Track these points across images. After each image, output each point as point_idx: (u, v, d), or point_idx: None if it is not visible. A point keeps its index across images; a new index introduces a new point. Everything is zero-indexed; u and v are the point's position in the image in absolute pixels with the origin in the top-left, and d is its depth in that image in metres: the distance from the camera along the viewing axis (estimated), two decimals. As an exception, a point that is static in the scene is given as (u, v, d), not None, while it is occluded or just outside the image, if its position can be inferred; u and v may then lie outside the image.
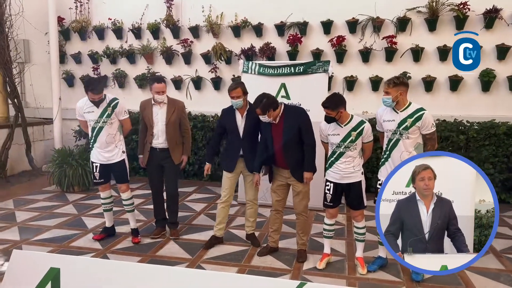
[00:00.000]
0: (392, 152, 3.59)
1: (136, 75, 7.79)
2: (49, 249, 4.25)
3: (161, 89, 4.32)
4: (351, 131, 3.62)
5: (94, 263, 2.94)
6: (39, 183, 6.87)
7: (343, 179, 3.69)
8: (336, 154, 3.69)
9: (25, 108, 7.59)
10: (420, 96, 6.57)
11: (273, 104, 3.82)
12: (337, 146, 3.68)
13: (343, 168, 3.67)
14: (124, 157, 4.41)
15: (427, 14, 6.43)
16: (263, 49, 6.98)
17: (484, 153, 5.81)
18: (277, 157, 3.95)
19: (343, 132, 3.64)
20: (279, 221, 4.18)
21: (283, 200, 4.12)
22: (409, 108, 3.58)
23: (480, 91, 6.41)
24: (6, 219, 5.15)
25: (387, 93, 3.57)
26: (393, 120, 3.59)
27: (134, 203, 4.64)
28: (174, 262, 3.94)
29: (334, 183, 3.73)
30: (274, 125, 3.91)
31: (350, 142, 3.63)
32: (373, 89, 6.75)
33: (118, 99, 4.35)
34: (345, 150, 3.65)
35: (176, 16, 7.50)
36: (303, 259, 4.03)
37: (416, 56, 6.51)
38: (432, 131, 3.56)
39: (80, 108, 4.30)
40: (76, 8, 7.92)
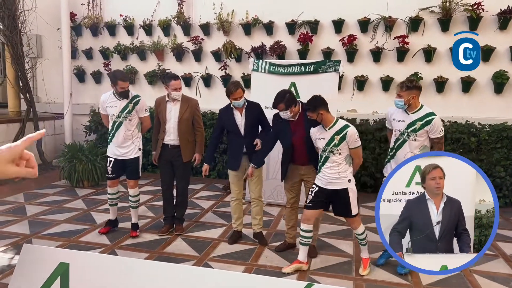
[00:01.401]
0: (398, 151, 3.63)
1: (147, 72, 7.82)
2: (58, 243, 4.30)
3: (178, 86, 4.40)
4: (335, 134, 3.56)
5: (103, 259, 2.95)
6: (50, 178, 6.95)
7: (328, 184, 3.61)
8: (322, 158, 3.64)
9: (36, 103, 7.68)
10: (431, 97, 6.52)
11: (295, 100, 3.87)
12: (322, 150, 3.63)
13: (328, 173, 3.60)
14: (140, 154, 4.48)
15: (440, 14, 6.36)
16: (274, 48, 6.96)
17: (496, 156, 5.74)
18: (296, 154, 3.96)
19: (327, 136, 3.59)
20: (295, 217, 4.21)
21: (298, 196, 4.17)
22: (420, 111, 3.57)
23: (493, 92, 6.33)
24: (17, 213, 5.22)
25: (399, 96, 3.57)
26: (403, 121, 3.60)
27: (140, 200, 4.67)
28: (181, 259, 3.95)
29: (319, 187, 3.67)
30: (293, 122, 3.93)
31: (334, 146, 3.55)
32: (383, 89, 6.70)
33: (140, 97, 4.44)
34: (329, 155, 3.58)
35: (187, 13, 7.52)
36: (314, 255, 4.07)
37: (428, 56, 6.44)
38: (440, 136, 3.56)
39: (103, 102, 4.38)
40: (88, 4, 7.97)
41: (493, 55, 6.20)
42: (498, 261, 4.10)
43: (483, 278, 3.72)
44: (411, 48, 6.52)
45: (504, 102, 6.29)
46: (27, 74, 7.39)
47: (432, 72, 6.48)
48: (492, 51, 6.17)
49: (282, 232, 4.56)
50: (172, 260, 3.84)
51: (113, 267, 2.75)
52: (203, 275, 2.67)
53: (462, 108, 6.41)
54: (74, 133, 7.84)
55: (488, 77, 6.27)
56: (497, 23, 6.17)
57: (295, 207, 4.19)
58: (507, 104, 6.28)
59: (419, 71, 6.46)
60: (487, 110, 6.31)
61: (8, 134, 7.17)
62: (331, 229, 4.80)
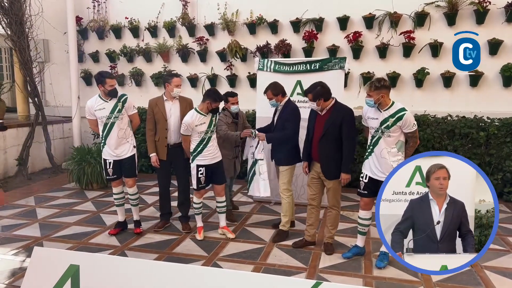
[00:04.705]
0: (375, 148, 3.72)
1: (153, 73, 7.86)
2: (69, 245, 4.34)
3: (180, 83, 4.55)
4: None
5: (113, 260, 2.98)
6: (59, 181, 7.02)
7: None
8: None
9: (45, 107, 7.75)
10: (439, 92, 6.48)
11: (325, 94, 3.92)
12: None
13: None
14: (135, 152, 4.55)
15: (446, 8, 6.30)
16: (279, 46, 6.95)
17: (505, 150, 5.67)
18: (313, 150, 4.04)
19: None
20: (314, 216, 4.23)
21: (318, 195, 4.17)
22: (391, 108, 3.64)
23: (501, 86, 6.26)
24: (28, 216, 5.29)
25: (369, 95, 3.64)
26: (376, 118, 3.69)
27: (148, 201, 4.71)
28: (190, 260, 3.97)
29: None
30: (319, 116, 3.99)
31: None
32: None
33: (126, 95, 4.50)
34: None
35: (192, 14, 7.54)
36: (330, 252, 4.10)
37: (435, 51, 6.39)
38: (414, 130, 3.64)
39: (90, 107, 4.40)
40: (94, 8, 8.03)
41: (501, 48, 6.13)
42: (509, 256, 4.05)
43: (494, 274, 3.69)
44: (417, 44, 6.47)
45: (513, 96, 6.22)
46: (35, 78, 7.47)
47: (439, 67, 6.42)
48: (500, 44, 6.10)
49: (298, 232, 4.58)
50: (181, 261, 3.86)
51: (123, 268, 2.77)
52: (212, 275, 2.68)
53: (470, 103, 6.34)
54: (82, 136, 7.91)
55: (496, 70, 6.20)
56: (504, 16, 6.10)
57: (315, 205, 4.19)
58: (516, 97, 6.21)
59: (425, 66, 6.41)
60: (495, 104, 6.24)
61: (18, 138, 7.26)
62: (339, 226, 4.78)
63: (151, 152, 4.58)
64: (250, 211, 5.38)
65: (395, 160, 3.59)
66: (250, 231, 4.74)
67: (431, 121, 6.05)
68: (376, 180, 3.69)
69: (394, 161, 3.59)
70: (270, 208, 5.55)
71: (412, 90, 6.62)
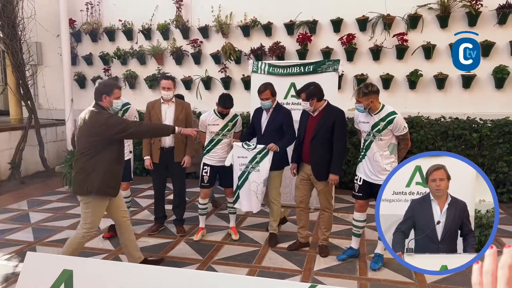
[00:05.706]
0: (367, 151, 3.74)
1: (147, 76, 7.84)
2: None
3: (167, 85, 4.45)
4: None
5: (106, 265, 2.96)
6: (52, 184, 6.96)
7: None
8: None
9: (38, 110, 7.69)
10: (432, 93, 6.52)
11: (318, 94, 3.92)
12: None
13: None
14: (131, 157, 4.55)
15: (438, 10, 6.35)
16: (273, 49, 6.96)
17: (498, 152, 5.72)
18: (304, 151, 4.03)
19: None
20: (305, 217, 4.25)
21: (306, 196, 4.17)
22: (381, 111, 3.66)
23: (494, 88, 6.31)
24: (21, 220, 5.24)
25: (358, 101, 3.65)
26: (367, 122, 3.71)
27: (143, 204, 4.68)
28: (185, 263, 3.96)
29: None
30: (311, 118, 3.99)
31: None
32: (384, 87, 6.68)
33: (130, 104, 4.49)
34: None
35: (186, 17, 7.53)
36: (325, 254, 4.10)
37: (428, 53, 6.43)
38: (405, 133, 3.66)
39: None
40: (87, 10, 8.00)
41: (493, 50, 6.18)
42: (503, 257, 4.08)
43: (488, 274, 3.70)
44: (411, 46, 6.51)
45: (505, 97, 6.27)
46: (28, 81, 7.41)
47: (432, 69, 6.47)
48: (492, 46, 6.15)
49: (292, 234, 4.57)
50: (176, 264, 3.85)
51: (116, 273, 2.75)
52: (206, 279, 2.67)
53: (463, 104, 6.38)
54: (76, 139, 7.85)
55: (489, 72, 6.25)
56: (496, 18, 6.16)
57: (303, 207, 4.19)
58: (508, 99, 6.26)
59: (419, 68, 6.45)
60: (488, 106, 6.29)
61: (10, 141, 7.20)
62: (333, 229, 4.78)
63: (145, 155, 4.58)
64: (244, 214, 5.37)
65: (388, 163, 3.61)
66: (244, 233, 4.74)
67: (424, 123, 6.08)
68: (370, 182, 3.71)
69: (387, 163, 3.61)
70: (264, 211, 5.54)
71: (406, 91, 6.66)
